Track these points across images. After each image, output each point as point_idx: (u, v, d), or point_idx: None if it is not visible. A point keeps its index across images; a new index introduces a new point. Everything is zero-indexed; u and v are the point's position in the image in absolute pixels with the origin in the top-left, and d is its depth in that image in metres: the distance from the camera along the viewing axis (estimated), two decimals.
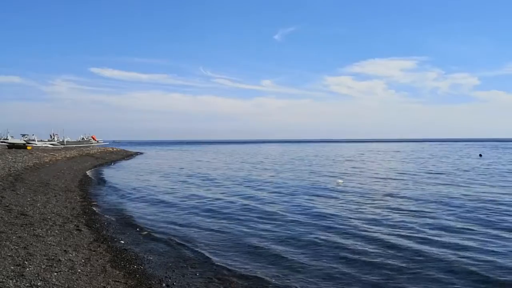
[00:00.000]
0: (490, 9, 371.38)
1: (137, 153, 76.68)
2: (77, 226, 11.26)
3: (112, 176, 30.87)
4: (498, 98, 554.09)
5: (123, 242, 10.35)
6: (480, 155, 58.58)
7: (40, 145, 63.28)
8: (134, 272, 7.94)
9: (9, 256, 7.38)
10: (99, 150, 65.10)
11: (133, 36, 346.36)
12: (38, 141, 67.09)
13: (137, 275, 7.77)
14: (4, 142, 60.62)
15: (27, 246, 8.27)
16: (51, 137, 78.13)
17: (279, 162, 47.56)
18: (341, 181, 24.64)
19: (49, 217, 11.90)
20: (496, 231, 11.52)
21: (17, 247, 8.08)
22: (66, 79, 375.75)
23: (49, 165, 31.30)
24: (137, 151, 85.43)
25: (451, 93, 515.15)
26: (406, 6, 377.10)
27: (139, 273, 7.92)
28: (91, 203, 16.49)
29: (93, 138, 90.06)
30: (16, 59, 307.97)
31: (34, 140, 65.60)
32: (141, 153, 79.93)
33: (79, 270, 7.22)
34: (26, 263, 7.10)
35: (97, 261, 8.16)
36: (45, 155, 39.27)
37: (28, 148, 52.02)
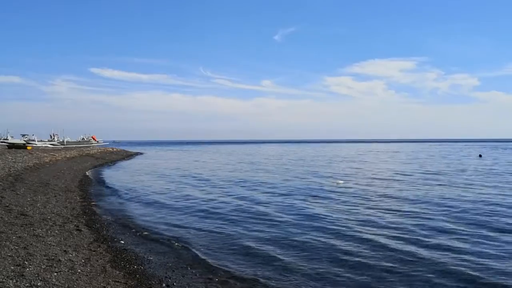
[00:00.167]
0: (490, 9, 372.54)
1: (137, 154, 76.69)
2: (77, 226, 11.27)
3: (112, 176, 30.89)
4: (498, 98, 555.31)
5: (123, 242, 10.36)
6: (480, 155, 58.59)
7: (40, 145, 63.29)
8: (134, 272, 7.95)
9: (9, 256, 7.39)
10: (99, 150, 65.13)
11: (133, 36, 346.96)
12: (38, 141, 67.16)
13: (137, 275, 7.78)
14: (4, 142, 60.67)
15: (27, 246, 8.28)
16: (51, 137, 78.22)
17: (279, 163, 47.57)
18: (341, 182, 24.68)
19: (49, 217, 11.91)
20: (491, 232, 11.49)
21: (17, 247, 8.09)
22: (66, 79, 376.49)
23: (49, 165, 31.30)
24: (137, 151, 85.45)
25: (451, 93, 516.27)
26: (406, 6, 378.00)
27: (139, 273, 7.93)
28: (91, 203, 16.49)
29: (93, 138, 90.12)
30: (16, 59, 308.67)
31: (34, 140, 65.67)
32: (141, 153, 79.95)
33: (79, 270, 7.23)
34: (26, 263, 7.11)
35: (97, 261, 8.17)
36: (45, 155, 39.27)
37: (28, 148, 52.02)
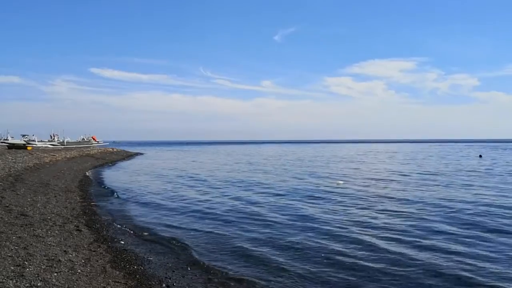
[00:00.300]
0: (490, 10, 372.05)
1: (137, 154, 76.69)
2: (77, 227, 11.27)
3: (112, 176, 30.90)
4: (498, 99, 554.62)
5: (123, 242, 10.36)
6: (480, 155, 58.61)
7: (40, 145, 63.31)
8: (134, 272, 7.95)
9: (9, 256, 7.39)
10: (99, 151, 65.15)
11: (133, 36, 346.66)
12: (38, 141, 67.23)
13: (137, 275, 7.78)
14: (4, 143, 60.72)
15: (27, 246, 8.28)
16: (51, 137, 78.31)
17: (277, 163, 47.57)
18: (341, 182, 24.68)
19: (49, 217, 11.91)
20: (486, 233, 11.41)
21: (17, 247, 8.09)
22: (66, 79, 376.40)
23: (49, 165, 31.31)
24: (137, 151, 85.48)
25: (451, 93, 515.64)
26: (406, 6, 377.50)
27: (139, 273, 7.93)
28: (91, 203, 16.49)
29: (93, 139, 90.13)
30: (16, 59, 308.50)
31: (34, 141, 65.73)
32: (141, 153, 79.97)
33: (79, 271, 7.23)
34: (26, 263, 7.11)
35: (97, 261, 8.17)
36: (45, 155, 39.28)
37: (28, 148, 52.03)
